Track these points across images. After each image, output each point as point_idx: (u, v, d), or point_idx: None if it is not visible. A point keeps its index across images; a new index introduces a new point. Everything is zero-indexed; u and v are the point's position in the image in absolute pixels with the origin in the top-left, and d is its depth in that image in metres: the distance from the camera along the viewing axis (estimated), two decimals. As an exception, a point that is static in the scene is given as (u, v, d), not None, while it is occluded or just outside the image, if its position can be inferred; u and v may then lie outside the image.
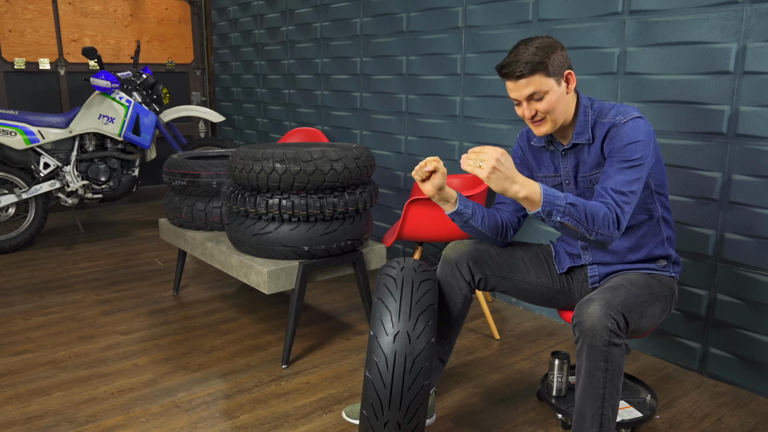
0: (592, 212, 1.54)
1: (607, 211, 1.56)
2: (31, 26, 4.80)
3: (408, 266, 1.75)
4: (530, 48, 1.62)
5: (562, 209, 1.52)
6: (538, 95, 1.65)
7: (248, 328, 2.82)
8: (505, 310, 3.04)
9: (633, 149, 1.63)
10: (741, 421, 2.07)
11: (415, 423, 1.64)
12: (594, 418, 1.59)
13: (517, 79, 1.64)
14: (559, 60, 1.65)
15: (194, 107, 4.39)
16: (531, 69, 1.61)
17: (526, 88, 1.64)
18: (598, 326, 1.52)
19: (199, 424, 2.04)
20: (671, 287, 1.78)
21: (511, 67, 1.63)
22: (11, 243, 3.91)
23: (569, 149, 1.78)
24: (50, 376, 2.35)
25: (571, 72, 1.69)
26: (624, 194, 1.60)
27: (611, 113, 1.70)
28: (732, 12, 2.14)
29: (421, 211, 2.57)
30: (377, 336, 1.63)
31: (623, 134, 1.65)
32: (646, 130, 1.65)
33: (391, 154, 3.69)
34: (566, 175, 1.81)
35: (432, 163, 1.67)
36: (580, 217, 1.53)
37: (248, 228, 2.41)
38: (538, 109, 1.66)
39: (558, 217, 1.52)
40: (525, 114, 1.69)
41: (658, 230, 1.80)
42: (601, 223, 1.55)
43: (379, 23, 3.64)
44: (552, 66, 1.63)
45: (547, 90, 1.64)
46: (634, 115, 1.67)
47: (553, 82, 1.65)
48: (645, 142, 1.64)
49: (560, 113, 1.69)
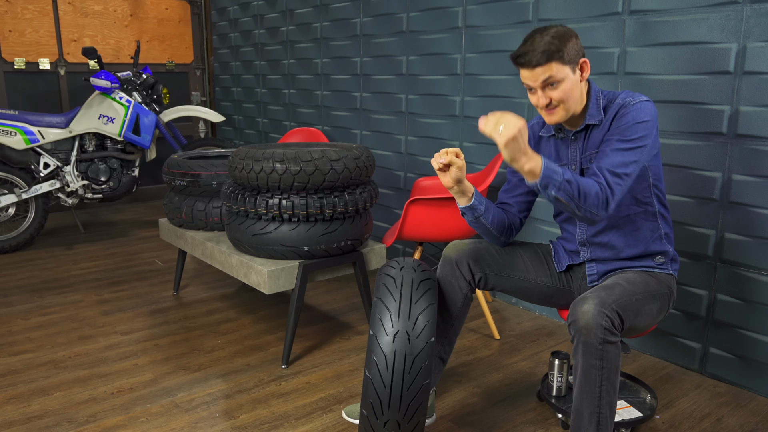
0: (585, 190, 1.58)
1: (598, 191, 1.60)
2: (31, 26, 4.80)
3: (408, 266, 1.75)
4: (546, 37, 1.63)
5: (558, 184, 1.56)
6: (554, 83, 1.65)
7: (248, 328, 2.82)
8: (505, 310, 3.04)
9: (635, 129, 1.65)
10: (741, 421, 2.07)
11: (415, 422, 1.64)
12: (591, 417, 1.59)
13: (534, 68, 1.64)
14: (575, 48, 1.66)
15: (194, 107, 4.39)
16: (547, 57, 1.62)
17: (542, 76, 1.64)
18: (593, 324, 1.53)
19: (199, 424, 2.04)
20: (669, 285, 1.79)
21: (528, 56, 1.63)
22: (11, 243, 3.91)
23: (580, 131, 1.78)
24: (50, 376, 2.35)
25: (586, 60, 1.70)
26: (618, 176, 1.62)
27: (621, 96, 1.74)
28: (732, 12, 2.14)
29: (421, 211, 2.57)
30: (377, 335, 1.63)
31: (629, 114, 1.67)
32: (653, 113, 1.68)
33: (391, 154, 3.69)
34: (573, 159, 1.81)
35: (445, 156, 1.68)
36: (573, 193, 1.57)
37: (248, 228, 2.41)
38: (552, 97, 1.67)
39: (553, 191, 1.57)
40: (539, 102, 1.69)
41: (656, 226, 1.80)
42: (591, 201, 1.59)
43: (379, 23, 3.64)
44: (568, 54, 1.64)
45: (563, 78, 1.65)
46: (643, 98, 1.70)
47: (568, 70, 1.66)
48: (649, 124, 1.66)
49: (574, 102, 1.70)
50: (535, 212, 2.94)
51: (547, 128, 1.88)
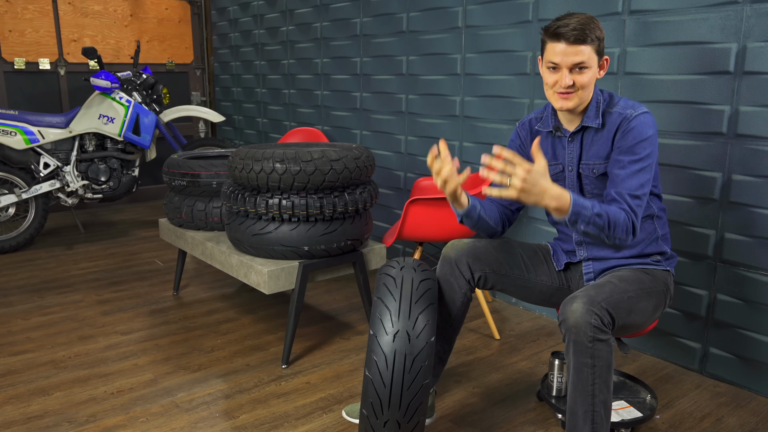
0: (614, 220, 1.60)
1: (625, 218, 1.62)
2: (31, 26, 4.80)
3: (407, 265, 1.75)
4: (590, 21, 1.63)
5: (587, 218, 1.58)
6: (582, 67, 1.64)
7: (248, 328, 2.82)
8: (505, 310, 3.04)
9: (642, 147, 1.66)
10: (741, 421, 2.07)
11: (415, 422, 1.64)
12: (586, 415, 1.59)
13: (572, 44, 1.61)
14: (603, 43, 1.68)
15: (194, 107, 4.39)
16: (590, 39, 1.62)
17: (577, 55, 1.62)
18: (581, 323, 1.53)
19: (199, 424, 2.04)
20: (665, 281, 1.78)
21: (570, 29, 1.60)
22: (11, 243, 3.91)
23: (576, 133, 1.78)
24: (50, 376, 2.35)
25: (607, 58, 1.72)
26: (638, 197, 1.65)
27: (620, 104, 1.74)
28: (732, 12, 2.14)
29: (421, 211, 2.57)
30: (377, 335, 1.63)
31: (635, 130, 1.67)
32: (654, 126, 1.69)
33: (391, 154, 3.69)
34: (570, 161, 1.81)
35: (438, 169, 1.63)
36: (603, 225, 1.59)
37: (248, 228, 2.41)
38: (576, 80, 1.66)
39: (582, 226, 1.59)
40: (562, 81, 1.65)
41: (652, 228, 1.81)
42: (621, 230, 1.61)
43: (379, 23, 3.64)
44: (600, 45, 1.66)
45: (591, 66, 1.66)
46: (643, 110, 1.71)
47: (596, 61, 1.67)
48: (652, 138, 1.68)
49: (588, 93, 1.70)
50: (535, 212, 2.94)
51: (544, 123, 1.86)
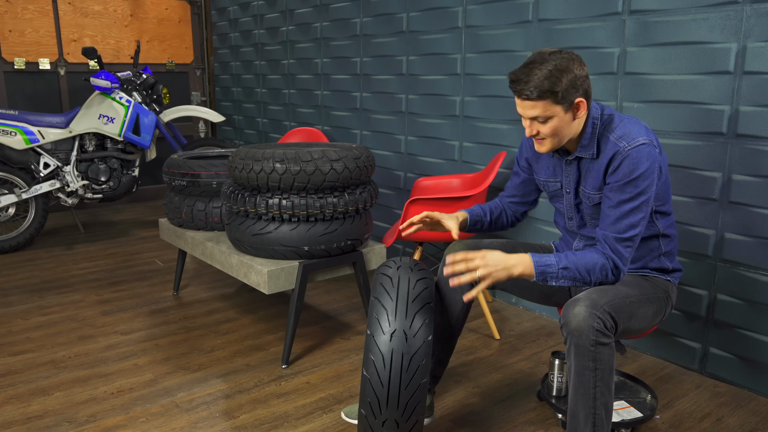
0: (587, 267, 1.61)
1: (604, 262, 1.61)
2: (31, 26, 4.80)
3: (404, 265, 1.75)
4: (543, 70, 1.55)
5: (555, 275, 1.61)
6: (542, 119, 1.60)
7: (248, 328, 2.82)
8: (505, 310, 3.04)
9: (635, 184, 1.58)
10: (741, 421, 2.07)
11: (414, 421, 1.64)
12: (587, 418, 1.59)
13: (524, 100, 1.59)
14: (573, 85, 1.56)
15: (194, 107, 4.39)
16: (538, 95, 1.55)
17: (531, 110, 1.59)
18: (584, 326, 1.53)
19: (199, 424, 2.04)
20: (666, 290, 1.77)
21: (520, 86, 1.58)
22: (11, 243, 3.91)
23: (573, 160, 1.74)
24: (50, 376, 2.35)
25: (583, 101, 1.60)
26: (626, 240, 1.61)
27: (617, 131, 1.63)
28: (732, 12, 2.14)
29: (421, 211, 2.57)
30: (374, 335, 1.63)
31: (627, 166, 1.59)
32: (651, 157, 1.58)
33: (391, 154, 3.69)
34: (567, 184, 1.78)
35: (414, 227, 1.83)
36: (575, 275, 1.61)
37: (248, 228, 2.41)
38: (540, 130, 1.62)
39: (553, 282, 1.62)
40: (528, 132, 1.65)
41: (656, 245, 1.78)
42: (598, 274, 1.62)
43: (379, 23, 3.64)
44: (562, 93, 1.56)
45: (552, 116, 1.59)
46: (639, 141, 1.59)
47: (560, 110, 1.58)
48: (649, 170, 1.58)
49: (564, 136, 1.65)
50: (535, 212, 2.94)
51: None
